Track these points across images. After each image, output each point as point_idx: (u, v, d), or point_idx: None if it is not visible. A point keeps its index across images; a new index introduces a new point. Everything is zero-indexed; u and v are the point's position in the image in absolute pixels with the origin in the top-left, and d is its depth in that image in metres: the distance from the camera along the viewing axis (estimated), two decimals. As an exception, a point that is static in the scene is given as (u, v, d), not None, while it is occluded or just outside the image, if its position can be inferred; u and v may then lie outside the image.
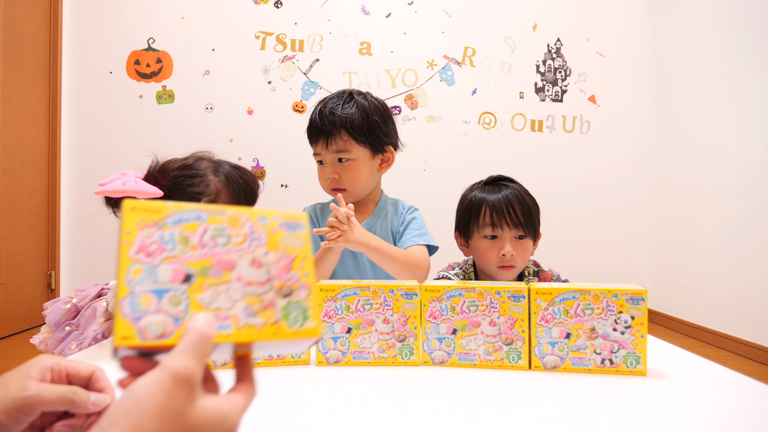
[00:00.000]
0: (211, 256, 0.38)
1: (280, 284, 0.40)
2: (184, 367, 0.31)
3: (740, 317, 2.37)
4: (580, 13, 3.06)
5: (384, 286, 0.72)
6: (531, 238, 1.07)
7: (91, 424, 0.42)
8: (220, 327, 0.36)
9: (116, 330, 0.33)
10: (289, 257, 0.41)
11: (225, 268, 0.38)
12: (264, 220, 0.41)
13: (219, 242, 0.39)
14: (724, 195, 2.49)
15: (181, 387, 0.31)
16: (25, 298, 2.62)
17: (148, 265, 0.36)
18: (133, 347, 0.33)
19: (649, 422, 0.56)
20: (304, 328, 0.39)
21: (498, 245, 1.05)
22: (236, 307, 0.37)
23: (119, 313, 0.34)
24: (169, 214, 0.38)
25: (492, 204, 1.05)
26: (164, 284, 0.36)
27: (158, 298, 0.35)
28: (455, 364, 0.72)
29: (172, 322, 0.35)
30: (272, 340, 0.38)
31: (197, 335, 0.33)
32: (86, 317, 0.94)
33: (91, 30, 2.86)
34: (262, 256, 0.40)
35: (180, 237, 0.38)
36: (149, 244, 0.36)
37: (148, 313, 0.34)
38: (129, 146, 2.87)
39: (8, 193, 2.49)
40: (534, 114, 3.05)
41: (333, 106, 1.12)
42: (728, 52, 2.48)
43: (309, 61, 2.93)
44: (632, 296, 0.68)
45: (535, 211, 1.09)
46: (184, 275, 0.37)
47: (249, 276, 0.39)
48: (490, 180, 1.14)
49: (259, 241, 0.40)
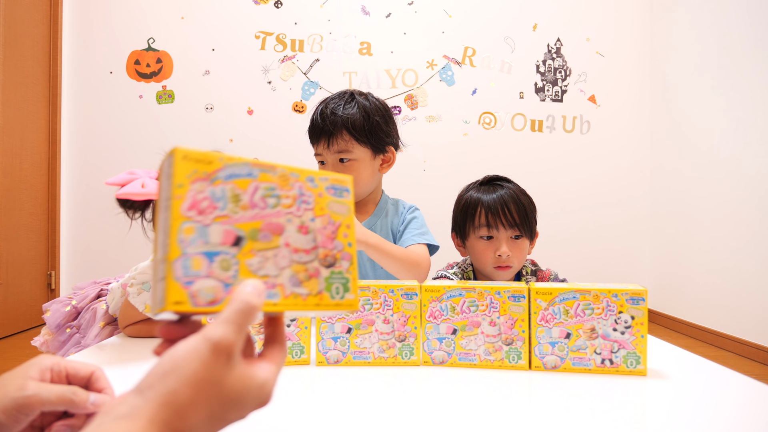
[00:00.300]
0: (261, 218, 0.37)
1: (325, 253, 0.39)
2: (224, 337, 0.31)
3: (740, 317, 2.37)
4: (580, 13, 3.06)
5: (384, 286, 0.72)
6: (527, 238, 1.07)
7: None
8: (267, 295, 0.35)
9: (168, 293, 0.32)
10: (335, 224, 0.41)
11: (274, 232, 0.37)
12: (312, 181, 0.40)
13: (269, 203, 0.38)
14: (724, 195, 2.49)
15: (218, 356, 0.31)
16: (25, 298, 2.62)
17: (200, 224, 0.34)
18: (181, 312, 0.33)
19: (649, 422, 0.56)
20: (345, 299, 0.40)
21: (494, 245, 1.05)
22: (283, 274, 0.37)
23: (171, 275, 0.32)
24: (221, 167, 0.36)
25: (487, 204, 1.05)
26: (215, 246, 0.34)
27: (209, 261, 0.34)
28: (455, 364, 0.72)
29: (222, 287, 0.34)
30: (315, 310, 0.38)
31: (243, 305, 0.32)
32: (86, 319, 0.94)
33: (91, 30, 2.86)
34: (309, 221, 0.39)
35: (231, 194, 0.36)
36: (201, 200, 0.34)
37: (200, 277, 0.33)
38: (129, 146, 2.87)
39: (8, 193, 2.49)
40: (534, 114, 3.05)
41: (334, 106, 1.12)
42: (728, 52, 2.48)
43: (309, 61, 2.93)
44: (632, 296, 0.68)
45: (531, 210, 1.08)
46: (234, 237, 0.35)
47: (296, 242, 0.38)
48: (485, 180, 1.13)
49: (308, 204, 0.39)
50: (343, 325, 0.72)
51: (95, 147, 2.87)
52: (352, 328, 0.72)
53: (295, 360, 0.73)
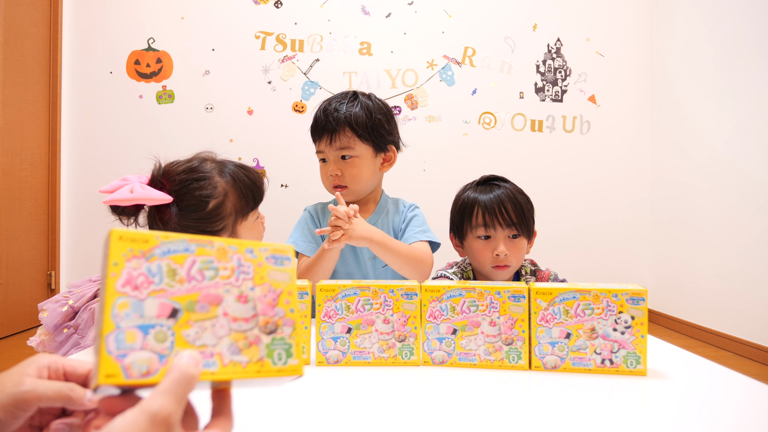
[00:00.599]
0: (198, 290, 0.38)
1: (266, 320, 0.40)
2: (162, 407, 0.31)
3: (740, 317, 2.37)
4: (580, 13, 3.06)
5: (384, 286, 0.72)
6: (525, 237, 1.07)
7: (90, 421, 0.42)
8: (205, 365, 0.36)
9: (100, 367, 0.32)
10: (275, 292, 0.41)
11: (212, 302, 0.38)
12: (252, 252, 0.41)
13: (207, 275, 0.38)
14: (724, 195, 2.49)
15: (157, 428, 0.30)
16: (25, 298, 2.62)
17: (135, 299, 0.35)
18: (118, 385, 0.33)
19: (649, 422, 0.56)
20: (288, 365, 0.39)
21: (492, 245, 1.05)
22: (221, 343, 0.37)
23: (104, 349, 0.33)
24: (157, 245, 0.37)
25: (484, 204, 1.05)
26: (150, 319, 0.35)
27: (144, 334, 0.35)
28: (455, 364, 0.72)
29: (157, 359, 0.34)
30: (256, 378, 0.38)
31: (180, 375, 0.33)
32: (84, 320, 0.94)
33: (91, 30, 2.86)
34: (249, 290, 0.39)
35: (168, 269, 0.37)
36: (136, 276, 0.36)
37: (134, 349, 0.34)
38: (129, 146, 2.87)
39: (8, 193, 2.49)
40: (534, 114, 3.05)
41: (337, 104, 1.13)
42: (728, 52, 2.48)
43: (309, 61, 2.93)
44: (632, 296, 0.68)
45: (529, 210, 1.08)
46: (170, 310, 0.36)
47: (235, 311, 0.38)
48: (482, 180, 1.13)
49: (246, 275, 0.40)
50: (343, 325, 0.72)
51: (95, 147, 2.87)
52: (352, 328, 0.72)
53: (295, 360, 0.73)
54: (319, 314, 0.72)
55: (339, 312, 0.72)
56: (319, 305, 0.72)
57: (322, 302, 0.72)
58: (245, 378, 0.37)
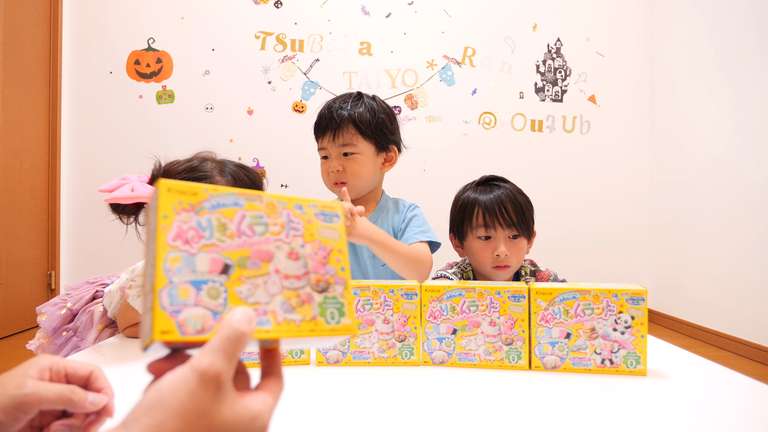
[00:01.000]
0: (249, 245, 0.37)
1: (317, 278, 0.39)
2: (211, 365, 0.30)
3: (740, 317, 2.37)
4: (580, 13, 3.06)
5: (384, 286, 0.72)
6: (525, 238, 1.07)
7: (91, 423, 0.42)
8: (259, 323, 0.35)
9: (155, 323, 0.31)
10: (326, 249, 0.40)
11: (263, 259, 0.37)
12: (301, 208, 0.40)
13: (257, 231, 0.37)
14: (724, 195, 2.49)
15: (207, 387, 0.29)
16: (25, 298, 2.62)
17: (186, 254, 0.34)
18: (172, 342, 0.32)
19: (649, 422, 0.56)
20: (341, 324, 0.39)
21: (492, 246, 1.05)
22: (274, 301, 0.36)
23: (157, 305, 0.32)
24: (206, 198, 0.36)
25: (484, 204, 1.05)
26: (203, 275, 0.34)
27: (197, 289, 0.34)
28: (455, 364, 0.72)
29: (211, 316, 0.33)
30: (310, 336, 0.37)
31: (231, 332, 0.31)
32: (84, 322, 0.94)
33: (91, 30, 2.86)
34: (300, 247, 0.39)
35: (218, 224, 0.36)
36: (187, 230, 0.34)
37: (188, 305, 0.33)
38: (129, 146, 2.87)
39: (8, 193, 2.49)
40: (534, 114, 3.05)
41: (342, 103, 1.15)
42: (728, 52, 2.48)
43: (309, 61, 2.93)
44: (632, 296, 0.68)
45: (528, 210, 1.08)
46: (222, 266, 0.35)
47: (287, 269, 0.38)
48: (482, 180, 1.13)
49: (297, 231, 0.39)
50: (343, 325, 0.72)
51: (95, 147, 2.87)
52: (352, 328, 0.72)
53: (295, 360, 0.73)
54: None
55: (339, 312, 0.72)
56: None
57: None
58: (298, 337, 0.37)
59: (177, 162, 0.92)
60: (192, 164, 0.91)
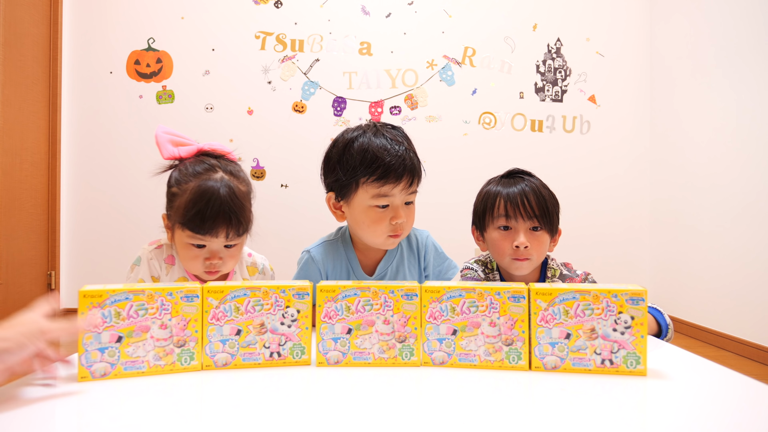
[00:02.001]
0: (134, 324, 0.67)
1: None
2: None
3: (740, 317, 2.37)
4: (580, 13, 3.06)
5: (384, 286, 0.72)
6: (547, 232, 1.05)
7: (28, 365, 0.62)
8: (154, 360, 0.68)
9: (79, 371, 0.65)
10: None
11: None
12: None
13: (140, 314, 0.67)
14: (724, 195, 2.49)
15: None
16: (25, 298, 2.62)
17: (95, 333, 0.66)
18: None
19: (649, 422, 0.56)
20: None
21: (512, 237, 1.03)
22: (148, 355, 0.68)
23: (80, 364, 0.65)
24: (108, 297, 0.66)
25: (506, 195, 1.04)
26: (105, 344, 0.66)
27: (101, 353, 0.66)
28: (455, 365, 0.72)
29: (109, 366, 0.66)
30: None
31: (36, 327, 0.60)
32: None
33: (91, 30, 2.86)
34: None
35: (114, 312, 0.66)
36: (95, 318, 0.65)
37: (96, 362, 0.66)
38: (129, 146, 2.87)
39: (8, 193, 2.49)
40: (534, 114, 3.05)
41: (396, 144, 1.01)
42: (728, 52, 2.48)
43: (309, 61, 2.93)
44: (632, 296, 0.68)
45: (553, 204, 1.07)
46: (117, 337, 0.66)
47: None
48: (507, 173, 1.12)
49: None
50: (343, 326, 0.73)
51: (95, 147, 2.87)
52: (352, 328, 0.73)
53: (296, 361, 0.73)
54: (320, 315, 0.72)
55: (339, 312, 0.72)
56: (319, 306, 0.72)
57: (323, 303, 0.72)
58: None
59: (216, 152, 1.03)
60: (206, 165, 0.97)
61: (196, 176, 0.93)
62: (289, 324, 0.73)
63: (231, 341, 0.71)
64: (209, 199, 0.90)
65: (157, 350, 0.68)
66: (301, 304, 0.73)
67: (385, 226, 1.00)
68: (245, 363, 0.71)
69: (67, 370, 0.67)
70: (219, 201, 0.90)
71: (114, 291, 0.66)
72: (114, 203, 2.86)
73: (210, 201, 0.90)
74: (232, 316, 0.71)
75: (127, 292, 0.67)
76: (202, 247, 0.93)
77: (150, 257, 1.02)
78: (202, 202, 0.90)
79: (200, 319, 0.70)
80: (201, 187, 0.91)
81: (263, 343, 0.72)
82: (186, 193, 0.92)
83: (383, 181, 0.97)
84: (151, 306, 0.67)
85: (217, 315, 0.71)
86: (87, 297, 0.65)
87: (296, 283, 0.74)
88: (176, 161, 0.99)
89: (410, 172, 1.00)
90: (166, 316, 0.68)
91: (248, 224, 0.97)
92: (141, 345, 0.67)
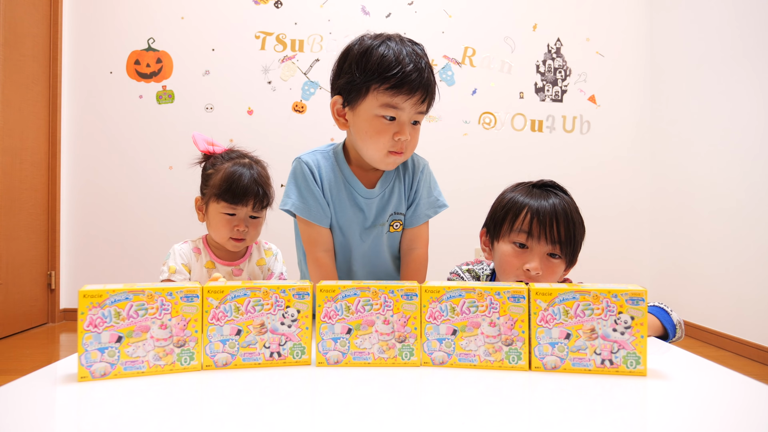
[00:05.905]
0: (134, 324, 0.66)
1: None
2: None
3: (740, 317, 2.37)
4: (580, 13, 3.06)
5: (384, 286, 0.72)
6: (564, 262, 0.94)
7: None
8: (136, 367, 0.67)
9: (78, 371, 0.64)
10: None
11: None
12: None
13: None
14: (724, 195, 2.49)
15: None
16: (25, 298, 2.62)
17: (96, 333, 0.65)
18: None
19: (649, 422, 0.56)
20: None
21: (525, 257, 0.92)
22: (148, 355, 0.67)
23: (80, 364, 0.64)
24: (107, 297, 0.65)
25: (535, 209, 0.92)
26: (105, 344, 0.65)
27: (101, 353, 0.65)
28: (455, 365, 0.72)
29: (109, 366, 0.65)
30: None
31: None
32: None
33: (91, 30, 2.86)
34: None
35: (114, 312, 0.66)
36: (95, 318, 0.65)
37: (96, 362, 0.65)
38: (129, 146, 2.87)
39: (8, 193, 2.49)
40: (534, 114, 3.04)
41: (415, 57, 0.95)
42: (728, 52, 2.48)
43: (309, 61, 2.93)
44: (632, 297, 0.68)
45: (580, 233, 0.95)
46: (117, 337, 0.66)
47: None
48: (539, 183, 1.01)
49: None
50: (343, 326, 0.72)
51: (95, 147, 2.87)
52: (352, 328, 0.73)
53: (296, 360, 0.73)
54: (319, 315, 0.72)
55: (339, 312, 0.72)
56: (319, 306, 0.72)
57: (323, 303, 0.72)
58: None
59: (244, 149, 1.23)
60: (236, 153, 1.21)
61: (228, 160, 1.17)
62: (290, 324, 0.73)
63: (231, 341, 0.71)
64: (241, 175, 1.13)
65: (157, 350, 0.68)
66: (301, 304, 0.73)
67: (387, 140, 0.96)
68: (245, 363, 0.71)
69: None
70: (249, 176, 1.14)
71: (114, 291, 0.66)
72: (114, 203, 2.86)
73: (242, 176, 1.13)
74: (232, 316, 0.71)
75: (127, 292, 0.67)
76: (232, 216, 1.13)
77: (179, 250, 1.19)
78: (235, 176, 1.12)
79: (200, 319, 0.70)
80: (234, 166, 1.14)
81: (263, 343, 0.72)
82: (220, 172, 1.14)
83: (396, 91, 0.93)
84: (151, 306, 0.67)
85: (218, 315, 0.71)
86: (87, 297, 0.65)
87: (296, 283, 0.74)
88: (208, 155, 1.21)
89: (425, 88, 0.95)
90: (166, 316, 0.68)
91: (270, 199, 1.18)
92: (141, 345, 0.67)
